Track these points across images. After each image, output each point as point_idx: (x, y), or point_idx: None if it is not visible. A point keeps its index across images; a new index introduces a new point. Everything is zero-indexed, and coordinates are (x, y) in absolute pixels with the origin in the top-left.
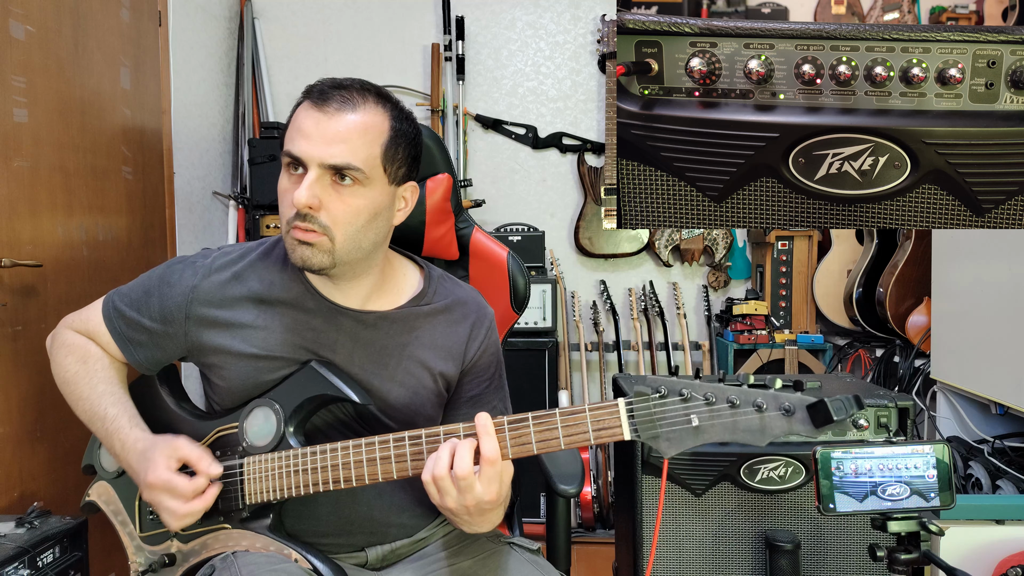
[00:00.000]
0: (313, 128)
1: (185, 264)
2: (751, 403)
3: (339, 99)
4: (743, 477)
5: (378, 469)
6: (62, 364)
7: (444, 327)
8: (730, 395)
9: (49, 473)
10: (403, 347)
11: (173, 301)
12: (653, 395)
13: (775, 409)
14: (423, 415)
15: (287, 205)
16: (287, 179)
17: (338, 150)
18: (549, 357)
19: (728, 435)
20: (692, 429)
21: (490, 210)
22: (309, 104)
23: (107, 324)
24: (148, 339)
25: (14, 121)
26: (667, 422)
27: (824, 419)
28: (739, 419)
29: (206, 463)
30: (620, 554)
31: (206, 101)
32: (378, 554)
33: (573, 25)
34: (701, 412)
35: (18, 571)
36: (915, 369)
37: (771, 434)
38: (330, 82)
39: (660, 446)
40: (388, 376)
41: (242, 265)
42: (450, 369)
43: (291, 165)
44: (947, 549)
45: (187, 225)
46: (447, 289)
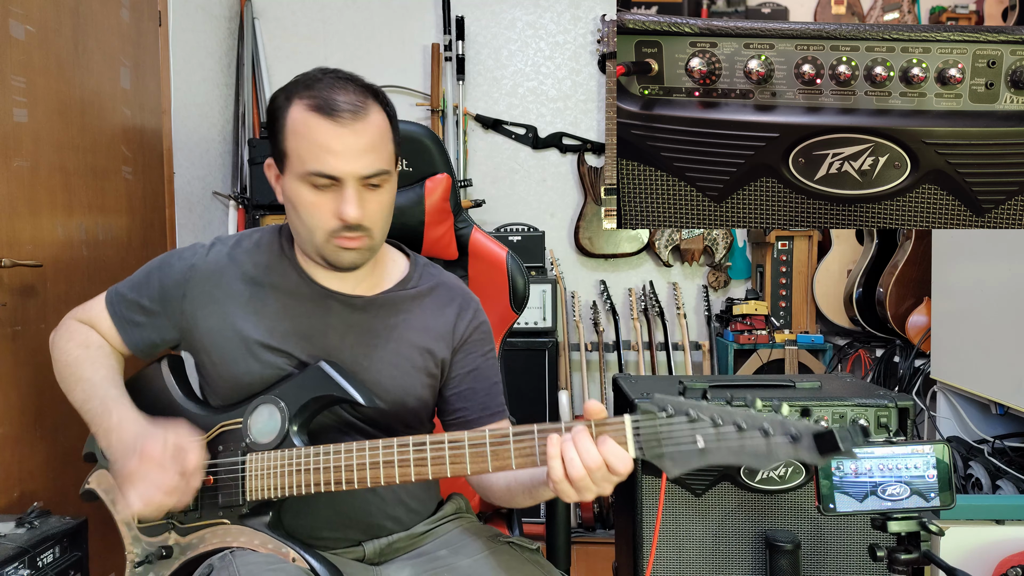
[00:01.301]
0: (338, 144)
1: (185, 249)
2: (758, 428)
3: (348, 107)
4: (743, 477)
5: (381, 473)
6: (64, 348)
7: (431, 309)
8: (737, 418)
9: (49, 473)
10: (391, 329)
11: (172, 280)
12: (660, 414)
13: (781, 435)
14: (412, 395)
15: (323, 218)
16: (312, 193)
17: (369, 160)
18: (549, 357)
19: (733, 458)
20: (697, 451)
21: (490, 210)
22: (320, 117)
23: (108, 308)
24: (146, 319)
25: (14, 121)
26: (672, 442)
27: (830, 448)
28: (745, 443)
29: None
30: (620, 554)
31: (206, 101)
32: (375, 548)
33: (573, 25)
34: (707, 434)
35: (18, 571)
36: (915, 369)
37: (776, 459)
38: (325, 86)
39: (664, 465)
40: (378, 358)
41: (237, 249)
42: (440, 349)
43: (314, 177)
44: (947, 549)
45: (187, 225)
46: (431, 275)
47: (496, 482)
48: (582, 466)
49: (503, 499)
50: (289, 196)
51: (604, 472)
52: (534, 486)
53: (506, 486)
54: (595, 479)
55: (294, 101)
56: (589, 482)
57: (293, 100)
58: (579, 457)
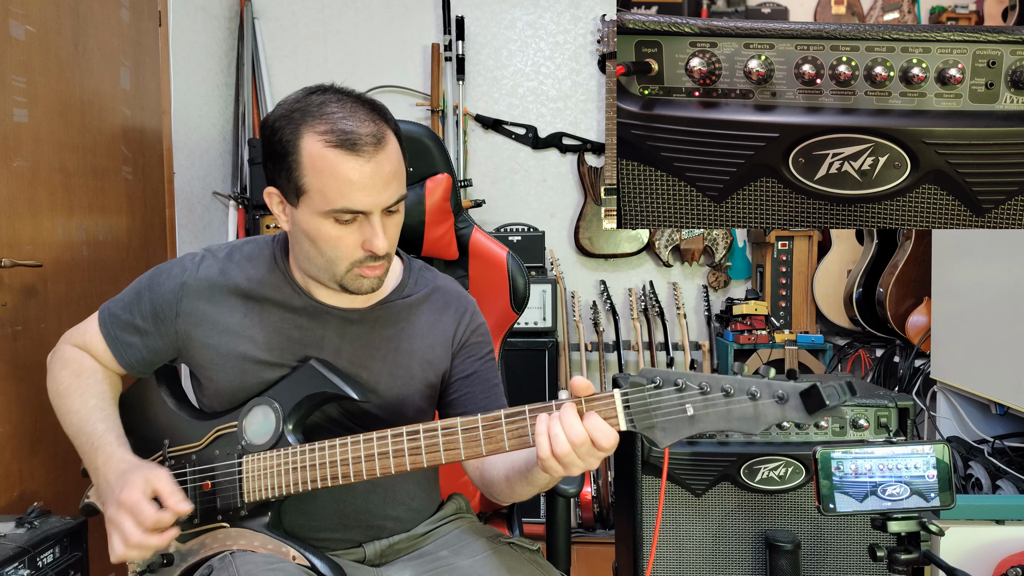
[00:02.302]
0: (364, 179)
1: (173, 264)
2: (745, 391)
3: (370, 138)
4: (743, 477)
5: (376, 465)
6: (56, 378)
7: (428, 316)
8: (724, 384)
9: (49, 473)
10: (389, 339)
11: (163, 299)
12: (648, 385)
13: (769, 396)
14: (412, 406)
15: (347, 250)
16: (336, 227)
17: (393, 190)
18: (549, 357)
19: (723, 423)
20: (687, 418)
21: (490, 210)
22: (342, 153)
23: (102, 329)
24: (139, 340)
25: (14, 121)
26: (662, 412)
27: (817, 404)
28: (733, 407)
29: (176, 499)
30: (620, 554)
31: (206, 101)
32: (376, 549)
33: (573, 25)
34: (696, 401)
35: (18, 571)
36: (915, 369)
37: (765, 421)
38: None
39: (656, 436)
40: (376, 369)
41: (229, 263)
42: (440, 357)
43: (339, 214)
44: (947, 549)
45: (187, 225)
46: (426, 279)
47: (497, 477)
48: (567, 442)
49: (504, 493)
50: (306, 230)
51: (589, 447)
52: (529, 470)
53: (505, 477)
54: (580, 454)
55: (306, 133)
56: (575, 457)
57: (304, 132)
58: (564, 433)
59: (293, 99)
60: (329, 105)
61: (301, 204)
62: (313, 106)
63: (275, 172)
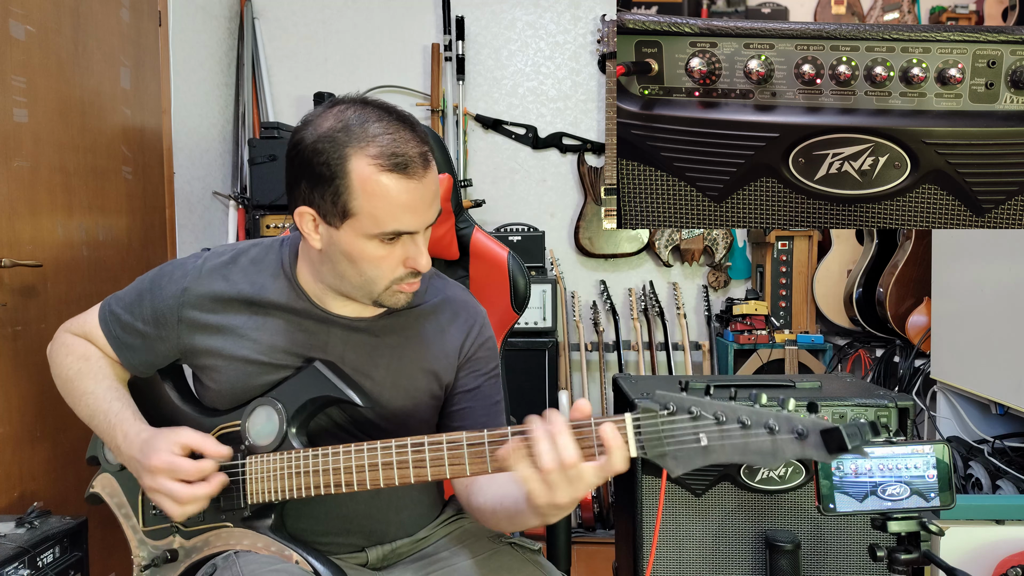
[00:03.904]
0: (416, 201)
1: (175, 266)
2: (763, 424)
3: (419, 159)
4: (743, 477)
5: (380, 475)
6: (63, 363)
7: (435, 327)
8: (741, 415)
9: (49, 473)
10: (394, 349)
11: (165, 304)
12: (661, 411)
13: (788, 432)
14: (417, 418)
15: (389, 268)
16: (381, 247)
17: (436, 207)
18: (549, 357)
19: (738, 456)
20: (701, 449)
21: (490, 210)
22: (397, 177)
23: (103, 327)
24: (141, 342)
25: (14, 121)
26: (675, 440)
27: (838, 446)
28: (750, 441)
29: (210, 444)
30: (620, 554)
31: (206, 101)
32: (378, 554)
33: (573, 25)
34: (711, 431)
35: (18, 571)
36: (915, 369)
37: (782, 457)
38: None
39: (667, 464)
40: (380, 379)
41: (233, 268)
42: (445, 368)
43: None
44: (947, 549)
45: (187, 225)
46: (437, 288)
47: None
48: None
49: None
50: (347, 251)
51: (578, 472)
52: (517, 512)
53: (492, 510)
54: (569, 476)
55: (353, 155)
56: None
57: (352, 155)
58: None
59: (329, 117)
60: (371, 125)
61: (345, 226)
62: (355, 126)
63: (315, 194)
